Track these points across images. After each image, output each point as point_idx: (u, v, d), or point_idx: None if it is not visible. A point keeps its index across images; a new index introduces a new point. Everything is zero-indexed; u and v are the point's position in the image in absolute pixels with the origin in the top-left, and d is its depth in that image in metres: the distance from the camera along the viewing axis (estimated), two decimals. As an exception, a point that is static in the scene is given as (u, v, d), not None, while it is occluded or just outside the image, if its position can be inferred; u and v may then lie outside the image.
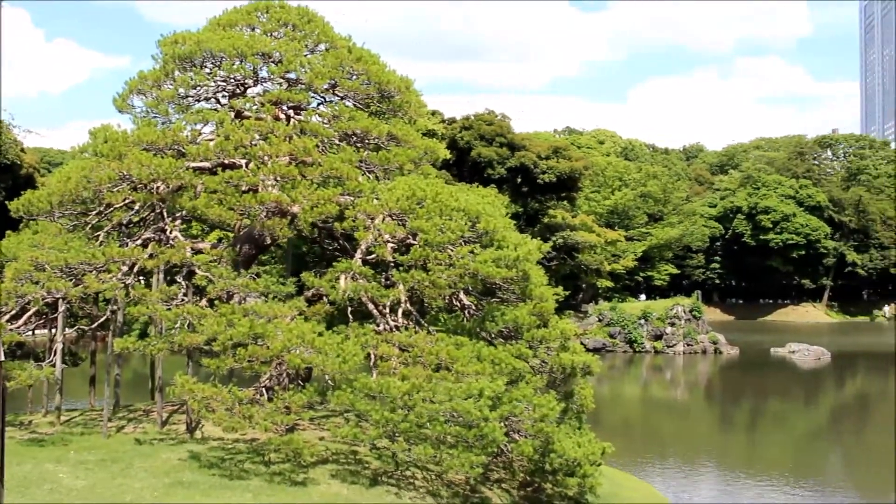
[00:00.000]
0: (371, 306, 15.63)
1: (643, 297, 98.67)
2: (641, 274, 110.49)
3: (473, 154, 77.82)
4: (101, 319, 17.34)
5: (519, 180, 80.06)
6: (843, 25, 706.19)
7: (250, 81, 18.41)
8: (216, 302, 15.88)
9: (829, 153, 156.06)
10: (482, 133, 79.53)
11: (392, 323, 15.49)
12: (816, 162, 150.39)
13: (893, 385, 53.07)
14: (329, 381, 14.57)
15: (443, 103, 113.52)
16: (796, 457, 29.03)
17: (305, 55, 18.48)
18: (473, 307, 16.50)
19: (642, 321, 63.17)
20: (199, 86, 17.84)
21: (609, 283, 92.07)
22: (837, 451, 31.08)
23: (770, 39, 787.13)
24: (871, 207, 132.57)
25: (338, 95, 18.95)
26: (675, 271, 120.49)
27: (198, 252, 16.60)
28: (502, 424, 13.97)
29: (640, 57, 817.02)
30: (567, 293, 71.05)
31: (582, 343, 56.80)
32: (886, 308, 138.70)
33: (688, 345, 62.37)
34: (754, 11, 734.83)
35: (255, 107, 18.14)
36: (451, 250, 15.18)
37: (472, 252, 15.22)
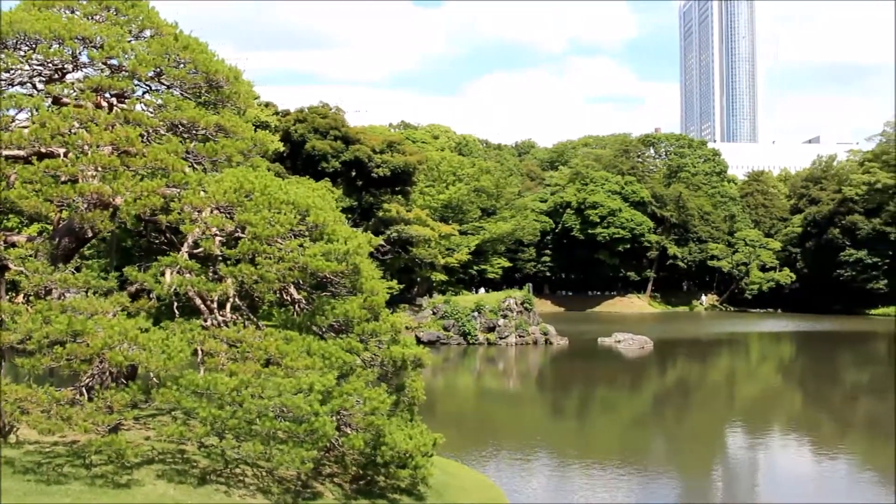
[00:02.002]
0: (198, 301, 15.21)
1: (483, 290, 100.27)
2: (475, 267, 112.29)
3: (307, 147, 76.97)
4: None
5: (353, 174, 79.71)
6: (666, 29, 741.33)
7: (69, 66, 17.50)
8: (32, 298, 15.09)
9: (652, 151, 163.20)
10: (316, 126, 78.78)
11: (220, 318, 15.13)
12: (640, 159, 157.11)
13: (709, 370, 56.06)
14: (154, 379, 14.10)
15: (278, 94, 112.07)
16: (623, 441, 30.19)
17: (129, 41, 17.72)
18: (304, 301, 16.33)
19: (475, 314, 64.21)
20: (11, 69, 16.82)
21: (443, 277, 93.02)
22: (660, 434, 32.51)
23: (599, 41, 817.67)
24: (690, 203, 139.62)
25: (164, 84, 18.27)
26: (508, 264, 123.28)
27: (12, 245, 15.72)
28: (333, 419, 13.90)
29: (476, 53, 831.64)
30: (402, 287, 71.16)
31: (416, 336, 57.39)
32: (704, 298, 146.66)
33: (520, 336, 63.84)
34: (584, 12, 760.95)
35: (74, 93, 17.27)
36: (280, 244, 14.95)
37: (301, 246, 15.03)
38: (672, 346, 69.82)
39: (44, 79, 17.58)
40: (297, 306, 16.35)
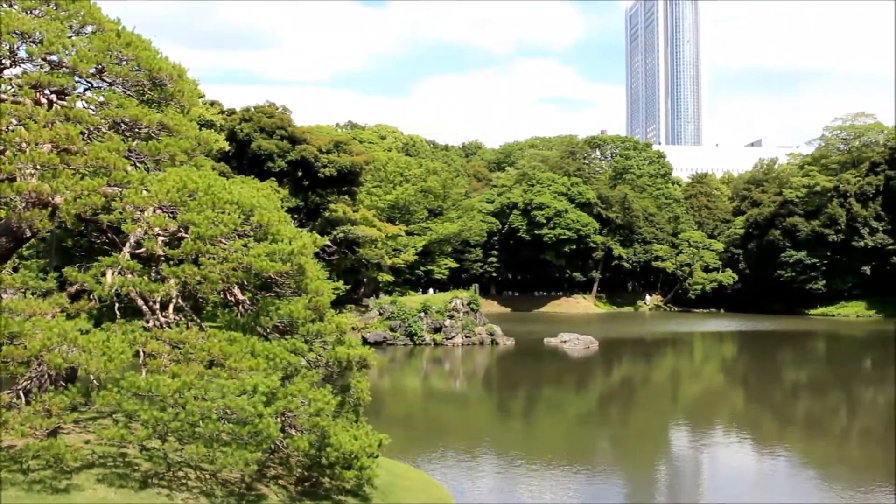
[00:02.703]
0: (140, 302, 14.97)
1: (431, 290, 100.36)
2: (422, 268, 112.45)
3: (253, 146, 76.46)
4: None
5: (300, 174, 79.35)
6: (612, 32, 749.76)
7: (7, 61, 17.09)
8: (-33, 299, 14.73)
9: (598, 153, 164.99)
10: (262, 125, 78.29)
11: (163, 319, 14.91)
12: (586, 161, 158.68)
13: (654, 370, 56.68)
14: (94, 381, 13.86)
15: (224, 93, 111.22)
16: (569, 441, 30.32)
17: (70, 36, 17.35)
18: (248, 302, 16.15)
19: (422, 314, 64.19)
20: (-55, 64, 16.45)
21: (390, 278, 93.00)
22: (606, 433, 32.75)
23: (546, 42, 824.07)
24: (635, 205, 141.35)
25: (106, 81, 17.94)
26: (455, 265, 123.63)
27: (-54, 245, 15.35)
28: (277, 420, 13.78)
29: (424, 53, 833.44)
30: (348, 287, 71.11)
31: (363, 337, 57.11)
32: (648, 298, 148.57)
33: (466, 336, 63.96)
34: (532, 14, 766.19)
35: (12, 89, 16.90)
36: (224, 244, 14.78)
37: (245, 246, 14.88)
38: (617, 345, 70.48)
39: (-20, 74, 17.19)
40: (241, 307, 16.17)
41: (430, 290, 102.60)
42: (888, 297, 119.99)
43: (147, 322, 14.86)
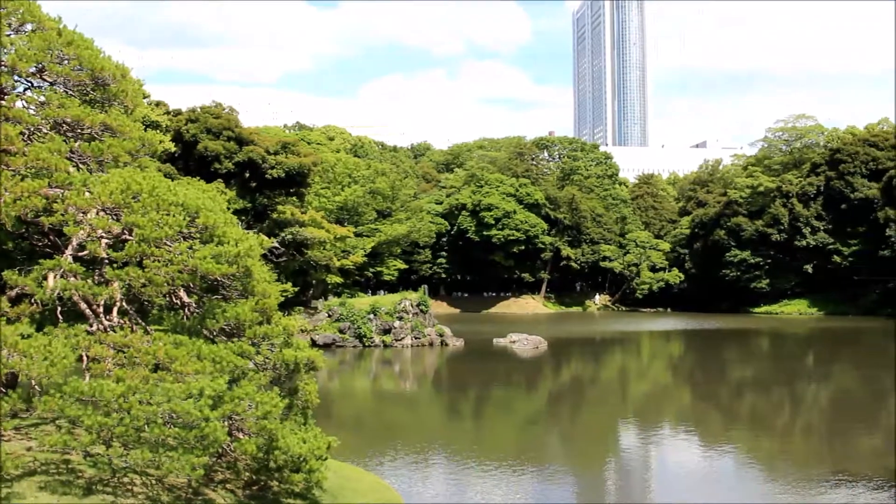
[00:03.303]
0: (83, 306, 14.70)
1: (381, 292, 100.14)
2: (371, 269, 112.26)
3: (200, 147, 75.56)
4: None
5: (247, 175, 78.58)
6: (560, 34, 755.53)
7: (-58, 61, 16.75)
8: None
9: (546, 154, 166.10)
10: (209, 126, 77.41)
11: (107, 323, 14.66)
12: (535, 162, 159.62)
13: (602, 369, 57.14)
14: (36, 387, 13.58)
15: (170, 94, 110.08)
16: (519, 440, 30.43)
17: (8, 35, 17.01)
18: (194, 305, 15.94)
19: (371, 316, 64.01)
20: None
21: (339, 279, 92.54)
22: (556, 432, 32.94)
23: (495, 44, 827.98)
24: (583, 205, 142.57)
25: (47, 80, 17.60)
26: (404, 266, 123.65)
27: None
28: (224, 424, 13.63)
29: (372, 54, 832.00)
30: (297, 289, 70.77)
31: (312, 339, 56.73)
32: (597, 298, 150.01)
33: (415, 338, 63.94)
34: (480, 15, 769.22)
35: (-53, 89, 16.53)
36: (169, 246, 14.58)
37: (191, 248, 14.68)
38: (566, 345, 70.98)
39: (-85, 73, 16.76)
40: (187, 310, 15.95)
41: (380, 292, 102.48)
42: (829, 295, 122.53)
43: (90, 326, 14.60)
